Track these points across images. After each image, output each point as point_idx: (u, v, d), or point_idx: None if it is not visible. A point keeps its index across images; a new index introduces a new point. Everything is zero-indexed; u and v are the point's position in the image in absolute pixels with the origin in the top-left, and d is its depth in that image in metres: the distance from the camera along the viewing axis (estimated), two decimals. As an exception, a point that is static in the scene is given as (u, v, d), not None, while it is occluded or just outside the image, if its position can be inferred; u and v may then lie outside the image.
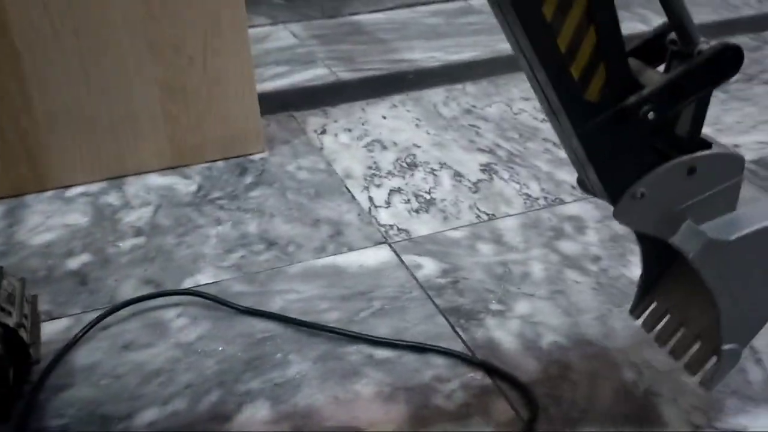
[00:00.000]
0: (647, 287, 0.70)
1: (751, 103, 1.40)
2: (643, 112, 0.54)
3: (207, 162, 1.22)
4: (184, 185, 1.15)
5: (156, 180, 1.17)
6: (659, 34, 0.58)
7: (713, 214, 0.59)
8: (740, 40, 1.72)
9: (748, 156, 1.19)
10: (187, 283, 0.92)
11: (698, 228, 0.58)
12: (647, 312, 0.71)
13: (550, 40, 0.51)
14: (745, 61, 1.59)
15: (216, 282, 0.92)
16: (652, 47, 0.58)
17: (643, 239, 0.67)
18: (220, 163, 1.22)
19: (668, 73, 0.56)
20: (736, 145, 1.23)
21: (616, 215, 0.58)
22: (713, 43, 0.53)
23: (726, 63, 0.53)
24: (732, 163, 0.58)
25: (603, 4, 0.51)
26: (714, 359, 0.64)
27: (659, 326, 0.69)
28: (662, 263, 0.68)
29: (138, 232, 1.03)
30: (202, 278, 0.93)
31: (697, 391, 0.73)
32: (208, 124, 1.20)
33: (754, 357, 0.78)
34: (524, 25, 0.50)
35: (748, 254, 0.59)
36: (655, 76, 0.56)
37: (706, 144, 0.58)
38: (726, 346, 0.63)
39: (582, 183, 0.63)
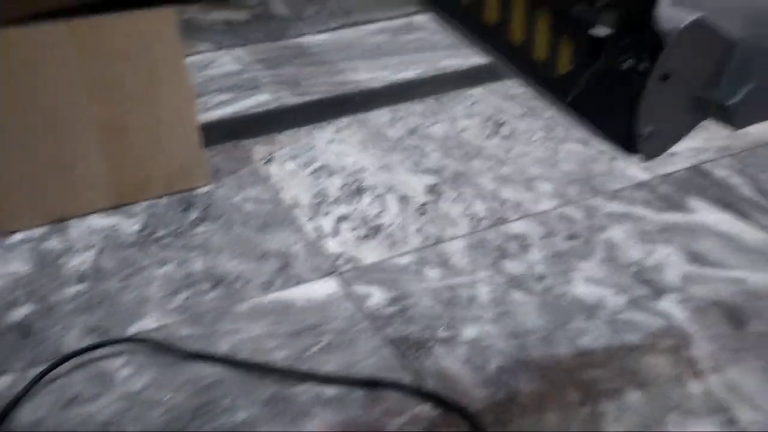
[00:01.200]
0: None
1: (687, 109, 1.43)
2: (618, 64, 0.53)
3: (151, 199, 1.21)
4: (127, 225, 1.14)
5: (99, 221, 1.15)
6: None
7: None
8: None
9: (684, 164, 1.23)
10: (133, 329, 0.91)
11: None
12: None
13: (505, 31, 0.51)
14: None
15: (162, 326, 0.91)
16: None
17: None
18: (164, 200, 1.21)
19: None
20: (671, 153, 1.26)
21: (645, 156, 0.56)
22: None
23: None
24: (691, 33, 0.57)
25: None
26: None
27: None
28: None
29: (82, 277, 1.02)
30: (148, 323, 0.92)
31: (640, 409, 0.75)
32: (150, 161, 1.19)
33: (693, 369, 0.80)
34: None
35: None
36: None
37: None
38: None
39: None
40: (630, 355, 0.82)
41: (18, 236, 1.12)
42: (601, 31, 0.53)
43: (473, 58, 1.66)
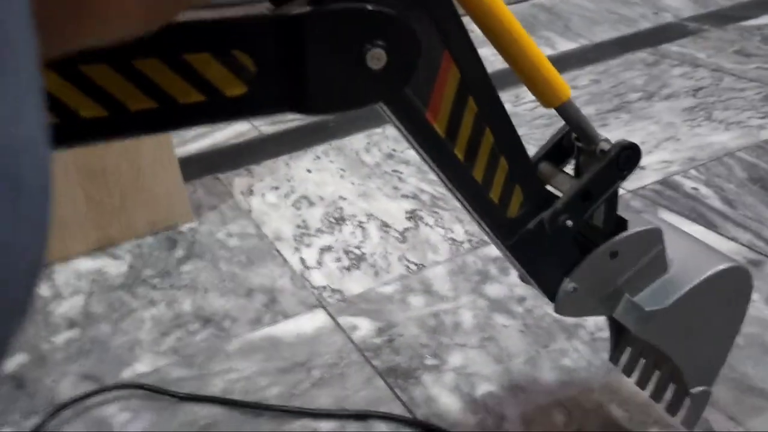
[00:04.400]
0: (619, 333, 0.75)
1: (653, 122, 1.48)
2: (560, 222, 0.59)
3: (136, 239, 1.22)
4: (114, 267, 1.15)
5: (85, 264, 1.17)
6: (564, 135, 0.63)
7: (647, 281, 0.64)
8: (638, 56, 1.82)
9: (654, 177, 1.27)
10: (126, 374, 0.93)
11: (635, 301, 0.63)
12: (624, 357, 0.75)
13: (467, 175, 0.55)
14: (645, 77, 1.68)
15: (155, 369, 0.93)
16: (560, 147, 0.63)
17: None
18: (149, 239, 1.22)
19: (578, 172, 0.62)
20: (641, 167, 1.30)
21: (557, 311, 0.63)
22: (613, 142, 0.59)
23: (626, 160, 0.59)
24: (649, 236, 0.63)
25: (508, 138, 0.56)
26: (688, 400, 0.69)
27: (636, 371, 0.74)
28: None
29: (71, 323, 1.03)
30: (140, 367, 0.94)
31: (623, 425, 0.78)
32: (132, 201, 1.20)
33: (671, 384, 0.83)
34: (441, 168, 0.55)
35: (686, 312, 0.64)
36: (566, 181, 0.61)
37: (623, 223, 0.62)
38: (694, 390, 0.68)
39: (524, 278, 0.68)
40: (610, 374, 0.85)
41: (5, 285, 1.13)
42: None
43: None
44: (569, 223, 0.59)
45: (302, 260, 1.13)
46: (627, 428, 0.78)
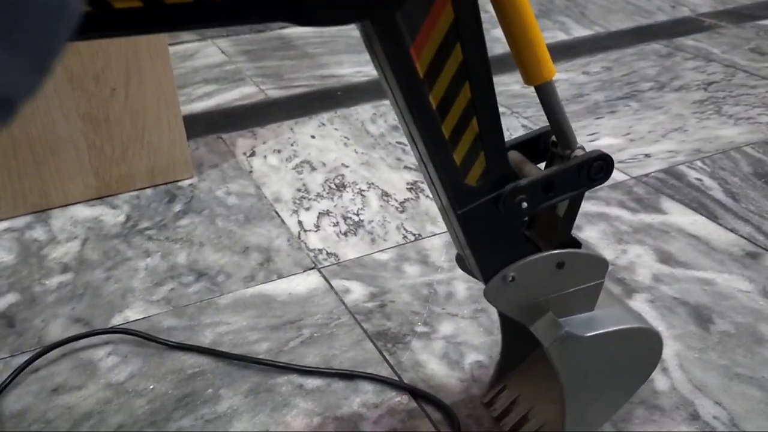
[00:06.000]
0: (502, 373, 0.75)
1: (662, 112, 1.47)
2: (517, 201, 0.57)
3: (135, 190, 1.22)
4: (111, 216, 1.15)
5: (83, 212, 1.16)
6: (543, 134, 0.61)
7: (573, 310, 0.63)
8: (652, 47, 1.81)
9: (658, 165, 1.26)
10: (117, 320, 0.93)
11: (558, 320, 0.61)
12: (499, 396, 0.75)
13: (435, 126, 0.53)
14: (657, 68, 1.67)
15: (146, 317, 0.93)
16: (535, 145, 0.62)
17: (506, 330, 0.73)
18: (148, 191, 1.22)
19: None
20: (647, 155, 1.30)
21: (486, 294, 0.61)
22: (588, 150, 0.58)
23: (596, 170, 0.58)
24: (598, 264, 0.62)
25: (486, 99, 0.54)
26: None
27: (506, 413, 0.74)
28: (519, 354, 0.74)
29: (65, 268, 1.03)
30: (132, 314, 0.94)
31: (608, 403, 0.78)
32: (134, 153, 1.20)
33: (660, 366, 0.83)
34: (411, 111, 0.52)
35: (599, 353, 0.63)
36: (534, 170, 0.59)
37: (577, 243, 0.62)
38: None
39: (460, 259, 0.65)
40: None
41: (1, 225, 1.13)
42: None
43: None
44: (525, 205, 0.57)
45: (300, 223, 1.13)
46: (612, 406, 0.78)
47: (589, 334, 0.62)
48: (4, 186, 1.13)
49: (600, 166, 0.58)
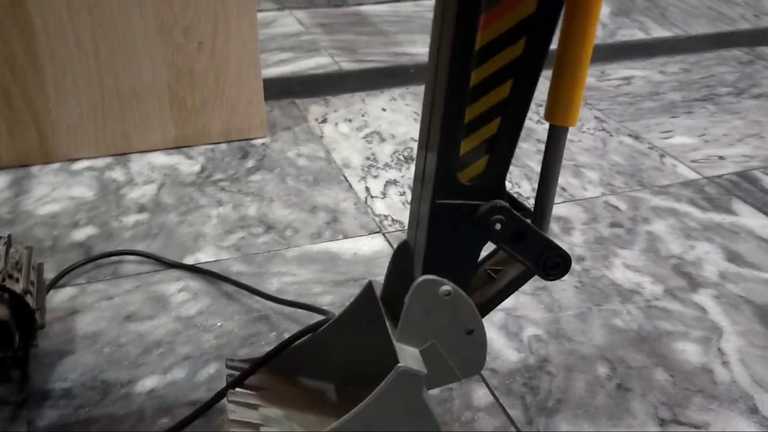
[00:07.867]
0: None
1: (739, 117, 1.44)
2: (493, 219, 0.55)
3: (210, 144, 1.25)
4: (187, 165, 1.19)
5: (160, 159, 1.21)
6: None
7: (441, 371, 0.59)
8: (734, 54, 1.77)
9: (732, 168, 1.24)
10: (188, 261, 0.96)
11: (421, 360, 0.57)
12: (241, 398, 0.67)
13: (463, 102, 0.51)
14: (737, 74, 1.64)
15: (216, 261, 0.96)
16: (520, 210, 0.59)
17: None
18: (223, 146, 1.25)
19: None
20: (721, 157, 1.28)
21: (409, 295, 0.57)
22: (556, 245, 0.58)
23: (554, 266, 0.59)
24: (475, 360, 0.60)
25: (517, 106, 0.52)
26: None
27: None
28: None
29: (141, 208, 1.07)
30: (203, 256, 0.97)
31: (666, 389, 0.78)
32: (214, 107, 1.23)
33: (721, 359, 0.82)
34: (451, 73, 0.50)
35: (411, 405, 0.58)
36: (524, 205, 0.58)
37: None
38: None
39: (403, 247, 0.62)
40: (661, 340, 0.85)
41: (83, 163, 1.18)
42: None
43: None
44: (498, 227, 0.55)
45: (367, 189, 1.15)
46: (669, 392, 0.78)
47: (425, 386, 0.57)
48: (88, 126, 1.18)
49: (556, 263, 0.58)
